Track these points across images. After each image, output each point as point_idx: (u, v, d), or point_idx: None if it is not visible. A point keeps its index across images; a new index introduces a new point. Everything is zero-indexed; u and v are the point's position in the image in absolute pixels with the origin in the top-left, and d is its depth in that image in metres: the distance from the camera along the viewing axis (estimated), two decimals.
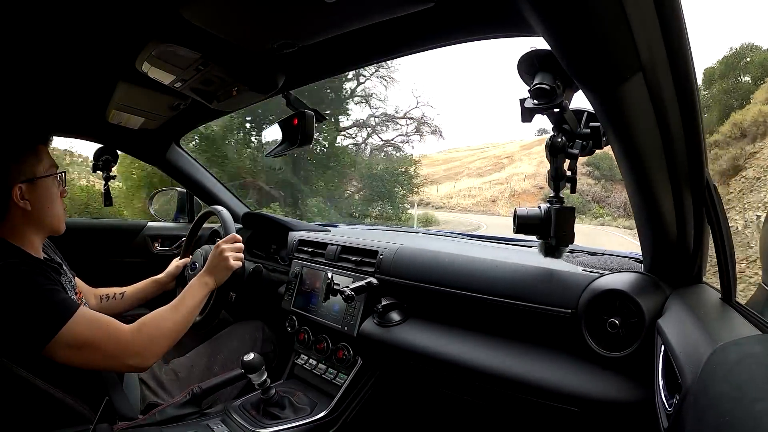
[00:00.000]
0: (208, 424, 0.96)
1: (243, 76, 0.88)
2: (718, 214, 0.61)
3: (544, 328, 0.85)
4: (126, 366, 0.88)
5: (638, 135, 0.57)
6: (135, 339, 0.87)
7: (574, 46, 0.49)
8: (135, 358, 0.86)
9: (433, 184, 33.53)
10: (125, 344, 0.86)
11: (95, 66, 0.98)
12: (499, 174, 34.51)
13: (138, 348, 0.87)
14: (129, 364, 0.87)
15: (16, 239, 0.87)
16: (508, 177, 32.43)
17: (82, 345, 0.81)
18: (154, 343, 0.89)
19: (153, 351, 0.89)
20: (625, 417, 0.70)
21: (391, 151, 14.48)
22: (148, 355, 0.88)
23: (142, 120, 1.28)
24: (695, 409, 0.40)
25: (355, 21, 0.69)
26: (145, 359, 0.88)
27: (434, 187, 32.32)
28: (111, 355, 0.84)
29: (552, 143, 0.64)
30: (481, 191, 31.83)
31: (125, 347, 0.85)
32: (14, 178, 0.86)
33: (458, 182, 35.68)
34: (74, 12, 0.73)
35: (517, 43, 0.64)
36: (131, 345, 0.86)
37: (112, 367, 0.89)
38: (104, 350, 0.83)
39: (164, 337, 0.91)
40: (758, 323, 0.52)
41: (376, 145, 14.51)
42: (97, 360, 0.84)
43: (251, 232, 1.62)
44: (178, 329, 0.94)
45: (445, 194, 32.10)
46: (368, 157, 14.18)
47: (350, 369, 1.12)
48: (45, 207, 0.90)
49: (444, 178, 37.02)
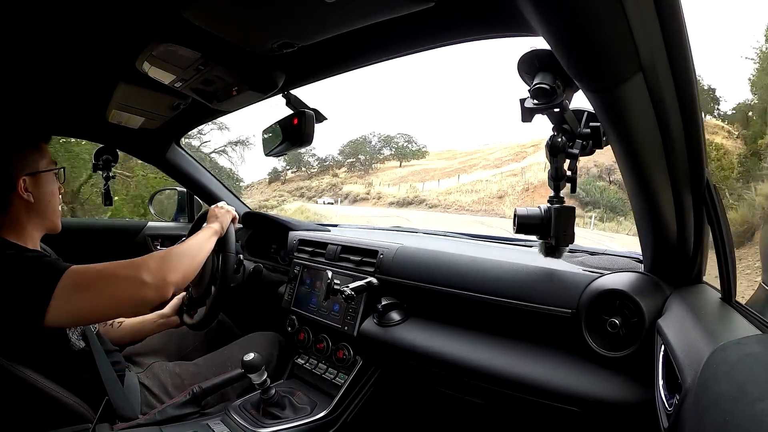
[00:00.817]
0: (208, 423, 0.96)
1: (243, 76, 0.88)
2: (718, 214, 0.61)
3: (544, 328, 0.85)
4: (145, 285, 0.82)
5: (638, 135, 0.57)
6: (145, 259, 0.85)
7: (575, 46, 0.49)
8: (151, 274, 0.83)
9: (434, 178, 31.64)
10: (135, 264, 0.83)
11: (96, 66, 0.98)
12: (518, 164, 29.78)
13: (150, 264, 0.84)
14: (147, 281, 0.82)
15: (16, 234, 0.87)
16: (526, 167, 27.63)
17: (93, 280, 0.80)
18: (167, 260, 0.87)
19: (168, 266, 0.87)
20: (626, 417, 0.70)
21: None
22: (165, 271, 0.85)
23: (142, 120, 1.28)
24: (695, 409, 0.40)
25: (355, 21, 0.68)
26: (162, 276, 0.84)
27: (435, 182, 30.85)
28: (126, 278, 0.82)
29: (552, 143, 0.64)
30: (488, 185, 27.53)
31: (137, 266, 0.83)
32: (19, 170, 0.88)
33: (468, 175, 31.61)
34: (75, 12, 0.73)
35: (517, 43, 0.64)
36: (142, 263, 0.84)
37: (134, 294, 0.83)
38: (117, 275, 0.82)
39: (177, 258, 0.90)
40: (758, 323, 0.52)
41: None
42: (116, 291, 0.81)
43: (251, 231, 1.62)
44: (190, 253, 0.94)
45: (445, 190, 29.27)
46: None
47: (350, 369, 1.12)
48: (46, 201, 0.93)
49: (457, 171, 33.27)
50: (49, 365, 0.83)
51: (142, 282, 0.82)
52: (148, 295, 0.83)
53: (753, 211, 6.94)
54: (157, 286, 0.83)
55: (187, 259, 0.93)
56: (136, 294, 0.82)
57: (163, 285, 0.84)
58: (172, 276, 0.86)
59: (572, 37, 0.48)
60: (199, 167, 1.73)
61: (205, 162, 7.95)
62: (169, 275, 0.86)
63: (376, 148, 38.34)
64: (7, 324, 0.76)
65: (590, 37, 0.46)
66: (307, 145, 1.00)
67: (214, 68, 0.85)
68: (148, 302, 0.85)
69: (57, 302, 0.76)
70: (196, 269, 0.95)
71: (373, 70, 55.20)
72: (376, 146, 38.36)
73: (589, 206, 21.38)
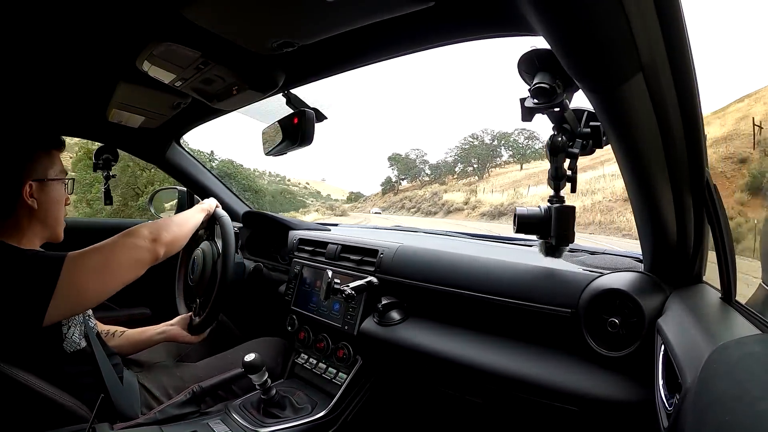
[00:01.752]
0: (208, 423, 0.96)
1: (243, 75, 0.88)
2: (718, 214, 0.61)
3: (544, 327, 0.85)
4: (140, 248, 0.89)
5: (638, 135, 0.57)
6: (137, 226, 0.93)
7: (575, 45, 0.49)
8: (144, 236, 0.90)
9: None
10: (130, 231, 0.90)
11: (96, 65, 0.98)
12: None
13: (143, 229, 0.92)
14: (141, 244, 0.89)
15: (16, 239, 0.87)
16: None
17: (99, 262, 0.84)
18: (157, 226, 0.95)
19: (158, 229, 0.94)
20: (625, 416, 0.70)
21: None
22: (155, 233, 0.93)
23: (142, 119, 1.28)
24: (695, 408, 0.40)
25: (356, 20, 0.68)
26: (153, 237, 0.92)
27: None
28: (130, 246, 0.88)
29: (552, 143, 0.64)
30: (612, 181, 18.49)
31: (132, 233, 0.90)
32: (27, 174, 0.88)
33: (594, 171, 22.35)
34: (75, 11, 0.73)
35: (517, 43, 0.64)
36: (136, 229, 0.91)
37: (140, 257, 0.90)
38: (117, 245, 0.87)
39: (165, 223, 0.98)
40: (758, 323, 0.52)
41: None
42: (123, 262, 0.86)
43: (251, 231, 1.62)
44: (177, 220, 1.03)
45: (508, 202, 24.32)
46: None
47: (350, 368, 1.12)
48: (51, 209, 0.92)
49: (584, 168, 22.64)
50: (46, 367, 0.83)
51: (137, 246, 0.89)
52: (144, 256, 0.90)
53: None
54: (151, 248, 0.91)
55: (175, 224, 1.01)
56: (134, 256, 0.89)
57: (156, 245, 0.92)
58: (163, 236, 0.94)
59: (572, 37, 0.48)
60: (199, 166, 1.73)
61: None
62: (160, 235, 0.94)
63: (490, 148, 34.48)
64: (5, 325, 0.76)
65: (590, 37, 0.46)
66: (308, 145, 1.00)
67: (214, 67, 0.85)
68: (145, 263, 0.91)
69: (62, 290, 0.77)
70: (185, 236, 1.04)
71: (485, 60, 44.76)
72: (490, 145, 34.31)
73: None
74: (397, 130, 20.96)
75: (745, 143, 11.77)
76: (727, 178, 8.26)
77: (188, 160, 1.70)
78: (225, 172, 20.40)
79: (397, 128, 20.76)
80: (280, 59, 0.83)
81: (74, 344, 0.90)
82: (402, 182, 37.15)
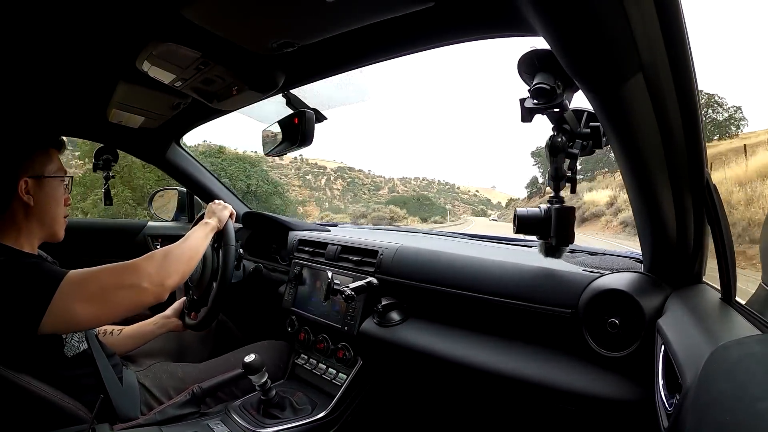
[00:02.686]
0: (208, 424, 0.96)
1: (243, 76, 0.88)
2: (718, 214, 0.61)
3: (544, 327, 0.85)
4: (145, 291, 0.85)
5: (638, 135, 0.57)
6: (145, 263, 0.87)
7: (575, 45, 0.49)
8: (151, 280, 0.85)
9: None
10: (136, 269, 0.85)
11: (96, 65, 0.98)
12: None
13: (150, 269, 0.86)
14: (147, 287, 0.84)
15: (13, 238, 0.87)
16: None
17: (93, 292, 0.80)
18: (166, 264, 0.89)
19: (167, 270, 0.89)
20: (625, 416, 0.70)
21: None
22: (164, 274, 0.88)
23: (142, 119, 1.28)
24: (695, 408, 0.40)
25: (355, 20, 0.69)
26: (161, 279, 0.87)
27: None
28: (127, 285, 0.83)
29: (552, 143, 0.64)
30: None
31: (137, 272, 0.85)
32: (23, 171, 0.87)
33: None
34: (75, 11, 0.73)
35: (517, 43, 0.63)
36: (143, 268, 0.86)
37: (134, 299, 0.85)
38: (118, 284, 0.82)
39: (176, 260, 0.91)
40: (758, 323, 0.52)
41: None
42: (117, 298, 0.82)
43: (251, 231, 1.62)
44: (188, 253, 0.96)
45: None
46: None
47: (350, 369, 1.12)
48: (47, 206, 0.91)
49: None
50: (45, 369, 0.83)
51: (141, 288, 0.84)
52: (146, 300, 0.86)
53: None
54: (156, 292, 0.86)
55: (185, 259, 0.95)
56: (135, 299, 0.85)
57: (162, 289, 0.87)
58: (170, 280, 0.89)
59: (572, 38, 0.48)
60: (200, 167, 1.73)
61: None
62: (167, 279, 0.88)
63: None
64: (2, 330, 0.76)
65: (590, 37, 0.46)
66: (308, 145, 1.00)
67: (214, 68, 0.85)
68: (146, 305, 0.87)
69: (54, 310, 0.76)
70: (193, 267, 0.98)
71: None
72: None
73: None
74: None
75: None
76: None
77: (188, 160, 1.70)
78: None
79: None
80: (280, 59, 0.83)
81: (75, 348, 0.90)
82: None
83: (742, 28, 62.64)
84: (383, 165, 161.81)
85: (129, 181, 11.11)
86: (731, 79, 37.00)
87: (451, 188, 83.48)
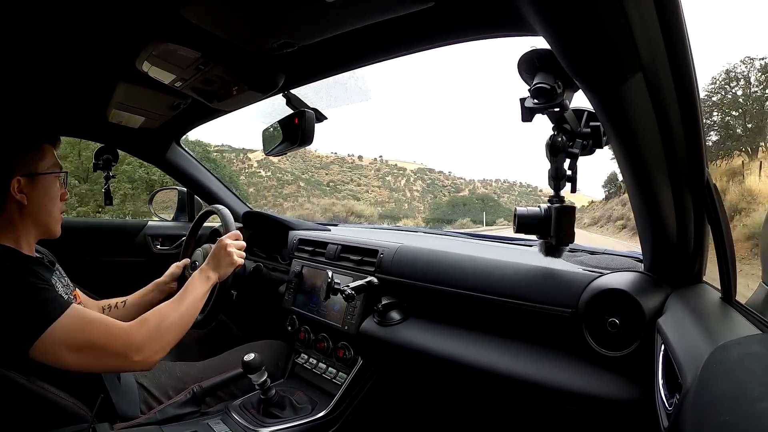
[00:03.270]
0: (208, 423, 0.96)
1: (243, 76, 0.88)
2: (718, 214, 0.61)
3: (544, 327, 0.85)
4: (131, 363, 0.83)
5: (638, 134, 0.57)
6: (137, 333, 0.84)
7: (575, 45, 0.49)
8: (139, 354, 0.82)
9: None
10: (127, 339, 0.82)
11: (96, 65, 0.98)
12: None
13: (141, 342, 0.83)
14: (134, 360, 0.82)
15: (11, 237, 0.87)
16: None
17: (82, 345, 0.79)
18: (158, 337, 0.86)
19: (157, 345, 0.86)
20: (625, 416, 0.70)
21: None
22: (153, 350, 0.85)
23: (142, 119, 1.28)
24: (695, 408, 0.40)
25: (355, 20, 0.69)
26: (149, 354, 0.84)
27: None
28: (114, 353, 0.81)
29: (552, 143, 0.64)
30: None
31: (128, 342, 0.82)
32: (15, 170, 0.86)
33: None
34: (75, 12, 0.73)
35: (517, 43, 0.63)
36: (134, 340, 0.83)
37: (118, 366, 0.85)
38: (106, 348, 0.80)
39: (168, 331, 0.88)
40: (758, 323, 0.52)
41: None
42: (102, 360, 0.81)
43: (251, 231, 1.62)
44: (182, 323, 0.91)
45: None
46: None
47: (350, 368, 1.12)
48: (42, 204, 0.90)
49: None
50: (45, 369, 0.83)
51: (127, 359, 0.82)
52: (132, 370, 0.88)
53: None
54: (143, 365, 0.84)
55: (178, 329, 0.90)
56: (120, 367, 0.86)
57: (149, 363, 0.85)
58: (159, 355, 0.86)
59: (572, 37, 0.48)
60: (199, 166, 1.73)
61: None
62: (156, 355, 0.85)
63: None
64: None
65: (590, 37, 0.46)
66: (308, 145, 1.00)
67: (214, 68, 0.85)
68: (137, 369, 0.87)
69: (41, 347, 0.75)
70: (187, 327, 0.93)
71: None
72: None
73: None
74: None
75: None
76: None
77: (188, 160, 1.70)
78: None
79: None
80: (280, 59, 0.83)
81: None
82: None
83: (742, 28, 62.11)
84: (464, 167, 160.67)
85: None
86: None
87: (533, 191, 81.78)
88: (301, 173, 63.15)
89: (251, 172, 54.62)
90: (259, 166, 56.28)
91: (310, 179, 64.30)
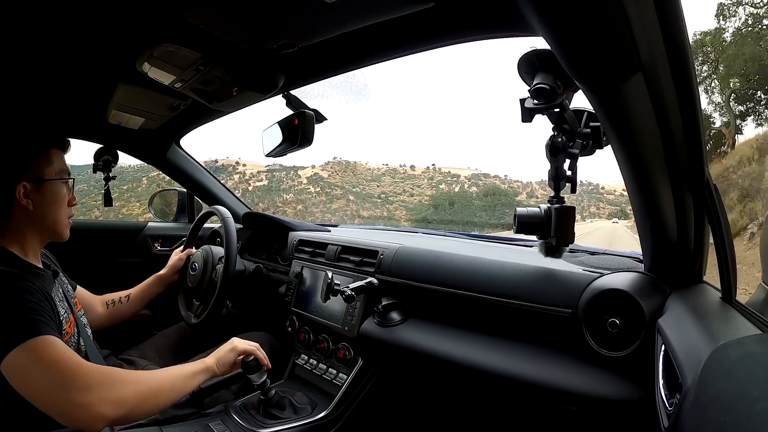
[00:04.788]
0: (208, 424, 0.96)
1: (243, 76, 0.88)
2: (718, 214, 0.61)
3: (544, 327, 0.85)
4: (67, 403, 0.69)
5: (638, 135, 0.57)
6: (92, 371, 0.73)
7: (575, 45, 0.49)
8: (82, 395, 0.69)
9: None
10: (77, 372, 0.71)
11: (96, 66, 0.98)
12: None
13: (90, 382, 0.71)
14: (72, 400, 0.69)
15: (17, 243, 0.87)
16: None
17: (46, 374, 0.70)
18: (117, 386, 0.74)
19: (108, 396, 0.71)
20: (626, 416, 0.70)
21: None
22: (101, 398, 0.70)
23: (142, 120, 1.28)
24: (696, 408, 0.40)
25: (355, 21, 0.69)
26: (95, 402, 0.70)
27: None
28: (56, 384, 0.70)
29: (552, 143, 0.65)
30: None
31: (75, 375, 0.70)
32: (19, 175, 0.86)
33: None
34: (75, 12, 0.73)
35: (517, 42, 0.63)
36: (84, 375, 0.71)
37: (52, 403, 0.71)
38: (51, 374, 0.70)
39: (131, 385, 0.76)
40: (759, 323, 0.52)
41: None
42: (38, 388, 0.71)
43: (251, 232, 1.62)
44: (153, 390, 0.80)
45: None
46: None
47: (351, 369, 1.12)
48: (48, 209, 0.90)
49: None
50: None
51: (69, 399, 0.69)
52: (73, 408, 0.70)
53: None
54: (88, 407, 0.70)
55: (150, 394, 0.79)
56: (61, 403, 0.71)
57: (96, 407, 0.70)
58: (110, 409, 0.71)
59: (572, 38, 0.48)
60: (199, 168, 1.73)
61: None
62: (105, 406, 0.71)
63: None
64: None
65: (590, 38, 0.46)
66: (308, 146, 1.00)
67: (214, 68, 0.85)
68: (70, 420, 0.71)
69: (8, 364, 0.70)
70: (158, 403, 0.82)
71: None
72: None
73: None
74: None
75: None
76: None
77: (188, 161, 1.70)
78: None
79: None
80: (279, 60, 0.83)
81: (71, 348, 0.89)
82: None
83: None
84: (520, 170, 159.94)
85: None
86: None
87: (594, 188, 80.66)
88: (351, 187, 62.82)
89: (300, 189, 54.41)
90: (309, 182, 56.20)
91: (361, 192, 64.20)
